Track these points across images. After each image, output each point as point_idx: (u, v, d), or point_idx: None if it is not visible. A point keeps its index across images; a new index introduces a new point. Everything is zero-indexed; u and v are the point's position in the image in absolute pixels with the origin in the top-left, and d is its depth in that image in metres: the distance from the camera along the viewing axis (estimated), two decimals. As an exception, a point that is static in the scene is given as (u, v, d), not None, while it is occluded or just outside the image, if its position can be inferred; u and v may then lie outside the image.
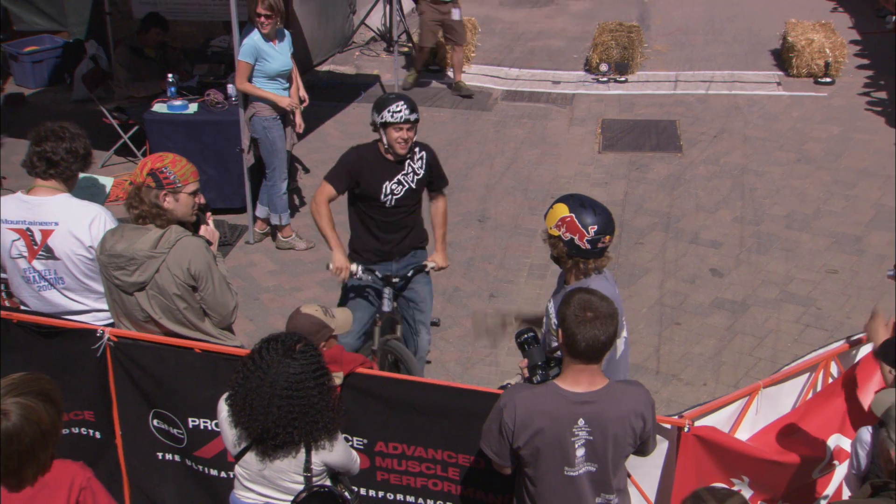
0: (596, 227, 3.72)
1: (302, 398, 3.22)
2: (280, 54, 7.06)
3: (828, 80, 10.73)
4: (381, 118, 4.94)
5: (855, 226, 7.71)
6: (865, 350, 4.06)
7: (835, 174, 8.62)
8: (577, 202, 3.78)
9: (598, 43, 11.32)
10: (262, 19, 6.82)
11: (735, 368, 6.07)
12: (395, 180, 5.11)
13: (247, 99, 7.09)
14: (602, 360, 3.31)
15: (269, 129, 7.15)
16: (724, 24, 13.24)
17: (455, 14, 10.15)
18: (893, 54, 11.41)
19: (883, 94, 10.35)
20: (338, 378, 3.87)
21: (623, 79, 11.11)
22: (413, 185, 5.17)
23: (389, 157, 5.09)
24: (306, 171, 8.78)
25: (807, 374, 4.13)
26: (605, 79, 11.09)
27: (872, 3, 13.66)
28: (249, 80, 6.97)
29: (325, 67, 11.68)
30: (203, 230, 4.35)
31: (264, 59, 6.95)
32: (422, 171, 5.19)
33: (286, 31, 7.17)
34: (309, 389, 3.23)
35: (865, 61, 11.42)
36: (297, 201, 8.16)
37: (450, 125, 9.95)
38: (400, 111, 4.91)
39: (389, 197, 5.12)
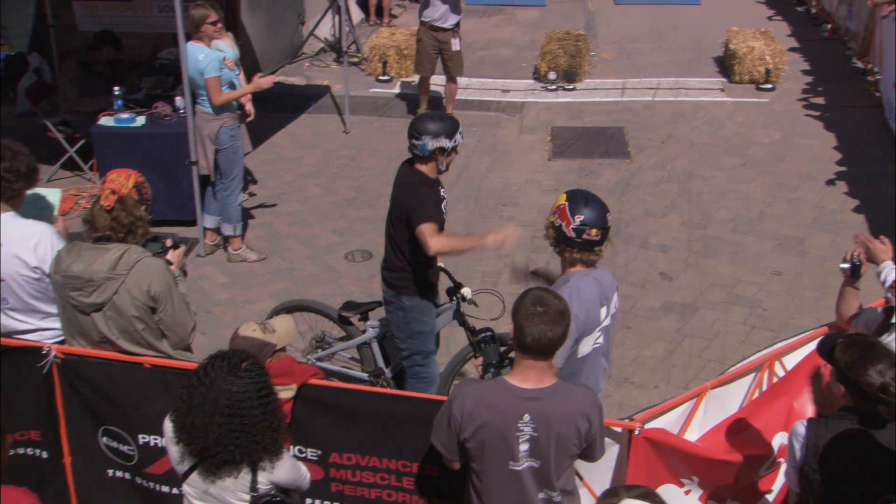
0: (583, 217, 3.81)
1: (244, 417, 3.17)
2: (230, 49, 7.14)
3: (769, 86, 10.94)
4: (456, 141, 4.85)
5: (797, 228, 7.86)
6: (808, 349, 4.14)
7: (777, 178, 8.78)
8: (578, 194, 3.92)
9: (546, 52, 11.42)
10: (218, 25, 6.83)
11: (685, 370, 6.14)
12: (444, 202, 4.99)
13: (196, 110, 7.03)
14: (551, 357, 3.33)
15: (235, 139, 7.15)
16: (669, 33, 13.45)
17: (455, 44, 9.70)
18: (829, 61, 11.72)
19: (821, 100, 10.58)
20: (290, 391, 3.83)
21: (571, 87, 11.21)
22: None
23: (435, 177, 4.96)
24: (254, 182, 8.75)
25: (752, 375, 4.19)
26: (553, 87, 11.19)
27: (809, 11, 14.00)
28: None
29: (274, 78, 11.58)
30: (172, 255, 4.30)
31: (224, 67, 6.95)
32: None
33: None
34: (252, 409, 3.18)
35: (804, 67, 11.67)
36: (250, 213, 8.11)
37: (401, 135, 9.77)
38: (462, 132, 4.93)
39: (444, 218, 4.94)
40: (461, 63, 9.93)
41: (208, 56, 6.80)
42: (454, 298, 5.23)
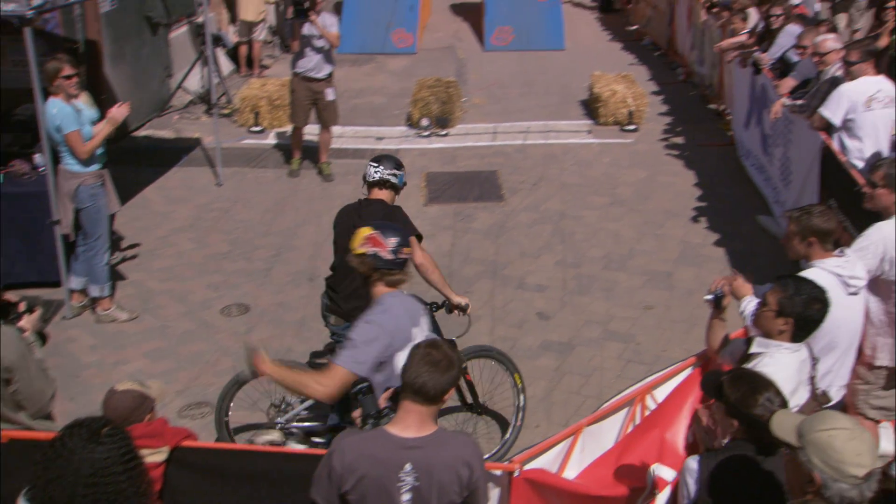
0: (396, 240, 4.12)
1: (109, 485, 3.02)
2: (87, 109, 6.95)
3: (632, 127, 11.39)
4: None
5: (665, 263, 8.15)
6: (676, 381, 4.28)
7: (644, 215, 9.10)
8: (379, 224, 4.26)
9: (418, 99, 11.57)
10: (72, 80, 6.62)
11: (565, 407, 6.23)
12: None
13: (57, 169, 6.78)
14: (435, 404, 3.34)
15: (97, 197, 6.92)
16: (536, 78, 13.86)
17: (329, 94, 9.67)
18: (686, 102, 12.32)
19: (681, 140, 11.08)
20: (161, 454, 3.69)
21: (444, 132, 11.38)
22: None
23: None
24: (123, 238, 8.48)
25: (625, 409, 4.30)
26: (426, 133, 11.33)
27: (666, 56, 14.70)
28: None
29: (142, 132, 11.35)
30: (26, 320, 4.09)
31: (82, 123, 6.75)
32: None
33: None
34: (117, 475, 3.03)
35: (663, 109, 12.22)
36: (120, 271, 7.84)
37: (276, 185, 9.86)
38: None
39: None
40: (336, 112, 9.95)
41: (62, 111, 6.60)
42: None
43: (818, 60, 7.67)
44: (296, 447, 5.01)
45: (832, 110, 7.06)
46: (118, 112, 6.96)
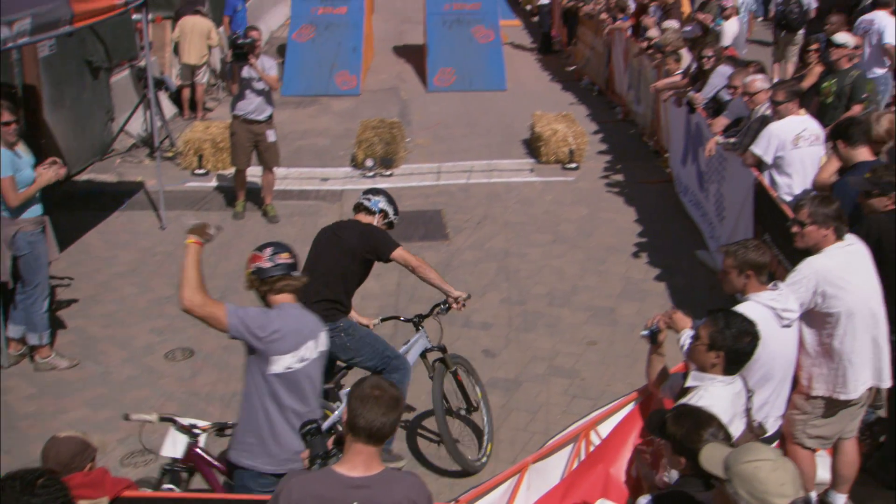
0: (271, 248, 4.40)
1: None
2: (26, 156, 6.83)
3: (573, 165, 11.57)
4: (394, 217, 6.03)
5: (608, 298, 8.26)
6: (619, 416, 4.32)
7: (587, 252, 9.22)
8: (263, 245, 4.49)
9: (362, 140, 11.62)
10: (10, 127, 6.52)
11: (512, 445, 6.24)
12: None
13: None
14: (381, 444, 3.34)
15: (35, 244, 6.79)
16: (479, 118, 14.02)
17: (270, 136, 9.67)
18: (624, 141, 12.56)
19: (620, 177, 11.29)
20: (101, 505, 3.61)
21: (388, 173, 11.44)
22: None
23: None
24: (64, 285, 8.31)
25: (570, 445, 4.33)
26: (371, 174, 11.37)
27: (604, 96, 15.01)
28: None
29: (84, 177, 11.19)
30: None
31: (19, 168, 6.63)
32: None
33: None
34: None
35: (603, 148, 12.44)
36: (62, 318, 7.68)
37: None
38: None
39: None
40: (277, 154, 9.94)
41: (2, 156, 6.49)
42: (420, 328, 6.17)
43: (748, 100, 7.91)
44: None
45: (763, 148, 7.28)
46: (46, 175, 6.81)
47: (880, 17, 10.17)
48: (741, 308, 4.45)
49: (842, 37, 8.67)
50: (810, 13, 13.96)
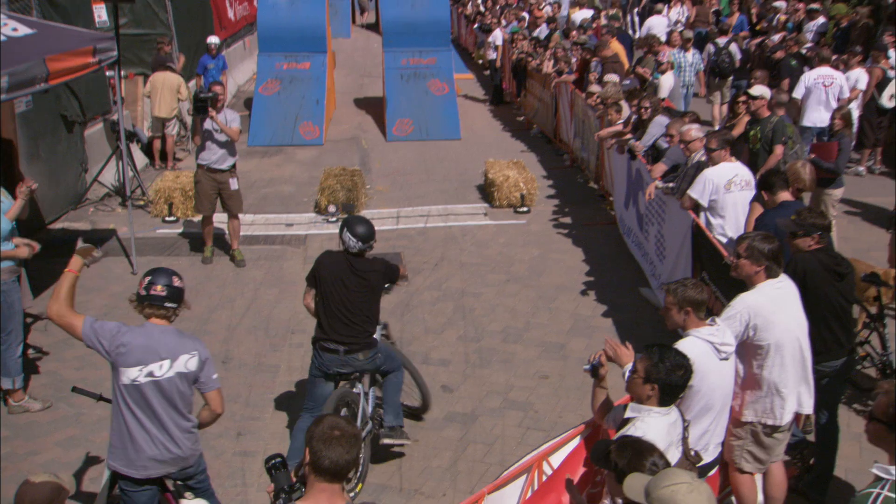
0: (149, 277, 4.71)
1: None
2: (5, 199, 6.80)
3: (524, 209, 11.68)
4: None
5: (558, 334, 8.30)
6: (570, 447, 4.34)
7: (538, 290, 9.28)
8: (150, 272, 4.77)
9: (324, 187, 11.63)
10: None
11: (470, 476, 6.21)
12: None
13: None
14: (343, 480, 3.30)
15: (10, 293, 6.68)
16: (435, 165, 14.12)
17: (233, 184, 9.63)
18: (572, 185, 12.72)
19: (569, 220, 11.42)
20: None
21: (350, 218, 11.41)
22: None
23: None
24: (39, 328, 8.17)
25: (525, 475, 4.33)
26: (333, 219, 11.36)
27: (552, 144, 15.21)
28: None
29: (58, 225, 11.05)
30: None
31: None
32: None
33: None
34: None
35: (552, 192, 12.59)
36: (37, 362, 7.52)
37: (189, 271, 9.67)
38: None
39: None
40: (240, 201, 9.92)
41: None
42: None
43: (684, 147, 8.09)
44: None
45: (699, 192, 7.43)
46: (21, 251, 6.70)
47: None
48: (682, 343, 4.52)
49: (758, 89, 9.05)
50: (736, 62, 14.52)
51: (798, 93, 11.90)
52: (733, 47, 14.81)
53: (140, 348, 4.54)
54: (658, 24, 16.97)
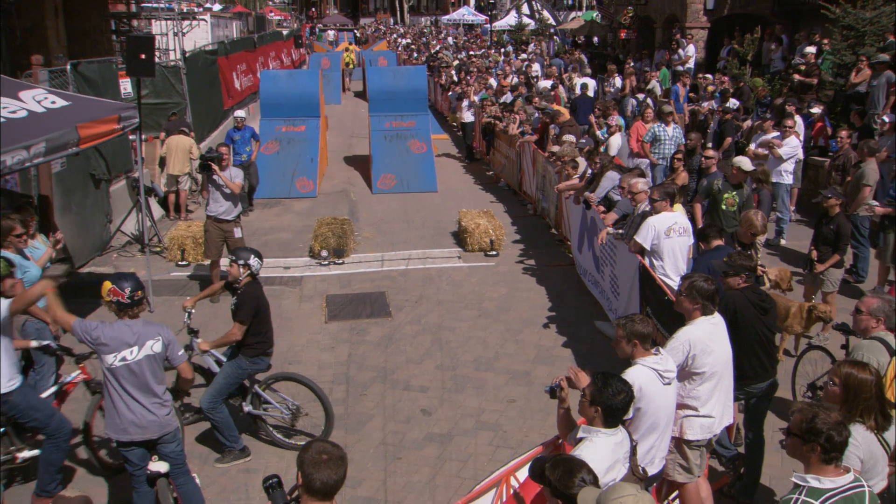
0: (129, 287, 5.09)
1: None
2: (42, 246, 6.87)
3: (494, 253, 11.73)
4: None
5: (524, 363, 8.29)
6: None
7: (506, 324, 9.28)
8: (116, 277, 5.15)
9: (318, 234, 11.63)
10: (23, 237, 6.45)
11: (447, 490, 6.16)
12: None
13: None
14: (333, 497, 3.25)
15: (42, 331, 6.67)
16: (415, 215, 14.16)
17: (237, 232, 9.69)
18: (535, 232, 12.79)
19: (532, 262, 11.47)
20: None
21: (340, 261, 11.43)
22: None
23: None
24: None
25: (494, 490, 4.30)
26: (325, 262, 11.35)
27: (517, 195, 15.33)
28: None
29: (86, 269, 10.96)
30: None
31: (26, 269, 6.52)
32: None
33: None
34: None
35: (518, 238, 12.66)
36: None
37: (198, 310, 9.56)
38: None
39: None
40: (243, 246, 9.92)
41: (24, 266, 6.44)
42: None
43: (632, 199, 8.19)
44: None
45: (643, 237, 7.52)
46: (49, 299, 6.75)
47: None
48: (630, 371, 4.54)
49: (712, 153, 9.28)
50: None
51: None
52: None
53: (113, 339, 5.02)
54: (614, 144, 15.44)
